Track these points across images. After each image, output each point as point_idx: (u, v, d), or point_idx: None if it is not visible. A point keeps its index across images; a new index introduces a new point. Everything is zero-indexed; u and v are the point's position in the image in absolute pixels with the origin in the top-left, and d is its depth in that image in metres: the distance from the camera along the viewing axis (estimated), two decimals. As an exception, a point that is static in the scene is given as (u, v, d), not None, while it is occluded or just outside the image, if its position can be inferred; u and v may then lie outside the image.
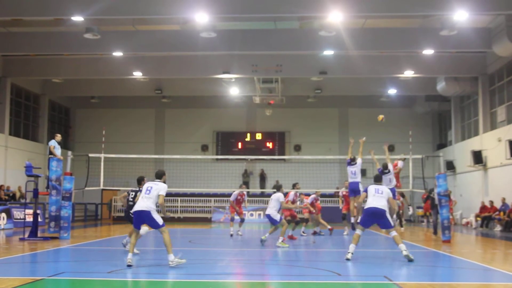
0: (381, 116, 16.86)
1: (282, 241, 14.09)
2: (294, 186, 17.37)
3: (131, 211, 11.50)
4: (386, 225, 11.07)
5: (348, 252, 10.90)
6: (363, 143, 16.47)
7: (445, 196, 16.42)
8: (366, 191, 11.43)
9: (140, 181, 12.20)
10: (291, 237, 16.49)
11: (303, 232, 18.53)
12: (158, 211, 9.98)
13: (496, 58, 24.07)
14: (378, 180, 11.80)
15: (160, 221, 9.78)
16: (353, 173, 16.07)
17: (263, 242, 14.48)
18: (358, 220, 15.31)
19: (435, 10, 18.21)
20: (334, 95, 32.34)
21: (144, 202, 9.78)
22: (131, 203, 12.08)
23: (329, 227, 18.47)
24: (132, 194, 12.25)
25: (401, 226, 22.56)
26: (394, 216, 18.53)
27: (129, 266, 9.59)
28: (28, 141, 29.28)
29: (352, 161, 16.06)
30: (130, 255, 9.80)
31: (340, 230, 19.40)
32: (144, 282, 8.91)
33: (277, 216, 14.35)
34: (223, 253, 13.40)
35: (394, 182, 15.92)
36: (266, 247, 14.19)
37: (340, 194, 19.22)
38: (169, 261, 9.63)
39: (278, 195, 14.55)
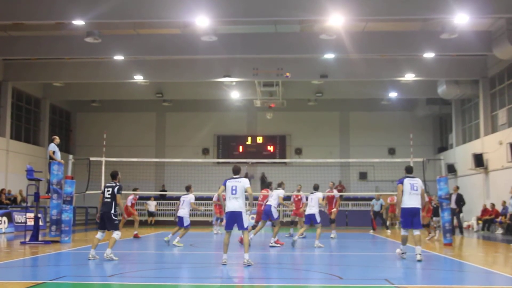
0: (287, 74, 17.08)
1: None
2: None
3: (114, 211, 11.25)
4: (418, 224, 11.36)
5: (403, 253, 11.44)
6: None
7: (446, 199, 16.42)
8: (402, 183, 11.38)
9: (115, 176, 11.68)
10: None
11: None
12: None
13: (497, 61, 24.09)
14: (410, 171, 11.77)
15: (246, 223, 10.46)
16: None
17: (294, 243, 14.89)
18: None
19: (435, 14, 18.21)
20: (335, 98, 32.37)
21: (235, 203, 10.39)
22: (107, 199, 11.36)
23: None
24: (109, 190, 11.45)
25: (387, 228, 23.01)
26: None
27: (224, 264, 10.28)
28: (29, 145, 29.30)
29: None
30: (225, 256, 10.45)
31: (327, 233, 19.16)
32: (145, 285, 8.90)
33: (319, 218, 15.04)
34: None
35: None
36: (267, 250, 14.18)
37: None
38: (244, 259, 10.36)
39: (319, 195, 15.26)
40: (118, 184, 11.57)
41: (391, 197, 26.08)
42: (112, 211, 11.32)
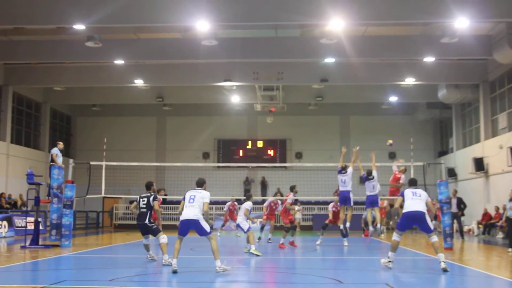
0: (390, 141, 18.52)
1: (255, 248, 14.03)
2: (292, 189, 17.14)
3: (149, 221, 11.52)
4: (426, 229, 10.70)
5: (389, 261, 10.61)
6: (356, 152, 16.92)
7: (446, 204, 16.42)
8: (402, 195, 11.09)
9: (149, 186, 12.05)
10: (292, 244, 16.47)
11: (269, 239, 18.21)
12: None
13: (497, 65, 24.10)
14: (413, 183, 11.43)
15: (207, 228, 10.23)
16: (343, 182, 16.65)
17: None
18: (373, 225, 16.01)
19: (436, 18, 18.24)
20: (335, 102, 32.37)
21: (191, 211, 10.19)
22: (143, 210, 11.67)
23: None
24: (144, 200, 11.76)
25: (381, 232, 22.94)
26: (433, 221, 18.66)
27: (174, 272, 9.84)
28: (29, 149, 29.31)
29: (343, 170, 16.78)
30: (175, 261, 10.07)
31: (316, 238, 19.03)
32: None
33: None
34: (224, 261, 13.36)
35: (378, 188, 17.47)
36: (268, 254, 14.16)
37: (330, 208, 19.17)
38: (216, 266, 10.05)
39: None
40: (152, 194, 11.82)
41: (381, 201, 26.18)
42: (147, 221, 11.60)
